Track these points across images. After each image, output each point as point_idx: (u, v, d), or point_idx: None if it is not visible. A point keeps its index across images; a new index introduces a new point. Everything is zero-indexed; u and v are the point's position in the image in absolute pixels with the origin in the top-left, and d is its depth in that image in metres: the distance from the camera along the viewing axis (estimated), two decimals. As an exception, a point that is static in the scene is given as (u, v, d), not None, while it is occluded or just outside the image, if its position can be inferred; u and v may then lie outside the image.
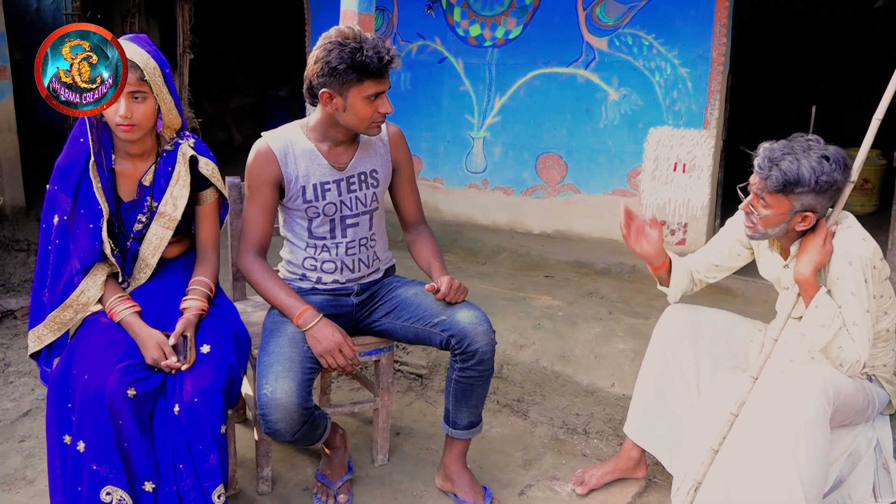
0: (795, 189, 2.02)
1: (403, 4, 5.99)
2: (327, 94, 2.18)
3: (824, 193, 2.05)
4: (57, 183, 2.15)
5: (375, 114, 2.21)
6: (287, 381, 2.10)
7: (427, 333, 2.36)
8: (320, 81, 2.17)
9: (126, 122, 2.07)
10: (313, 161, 2.31)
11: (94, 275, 2.16)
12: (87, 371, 1.99)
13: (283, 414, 2.09)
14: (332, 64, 2.12)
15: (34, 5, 8.18)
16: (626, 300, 4.21)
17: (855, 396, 2.16)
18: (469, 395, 2.39)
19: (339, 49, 2.11)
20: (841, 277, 2.08)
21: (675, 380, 2.44)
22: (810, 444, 2.02)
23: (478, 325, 2.29)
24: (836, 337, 2.07)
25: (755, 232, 2.18)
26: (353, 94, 2.17)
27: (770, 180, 2.04)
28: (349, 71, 2.12)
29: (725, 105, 4.79)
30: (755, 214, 2.13)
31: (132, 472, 2.00)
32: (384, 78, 2.18)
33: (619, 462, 2.58)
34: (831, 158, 2.03)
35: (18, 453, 2.70)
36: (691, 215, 4.91)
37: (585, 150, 5.30)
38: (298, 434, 2.16)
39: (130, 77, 2.03)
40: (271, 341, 2.23)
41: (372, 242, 2.47)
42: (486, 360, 2.31)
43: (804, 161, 2.02)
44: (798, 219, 2.09)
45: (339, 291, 2.45)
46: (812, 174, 2.00)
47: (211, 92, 9.58)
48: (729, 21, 4.61)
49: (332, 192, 2.34)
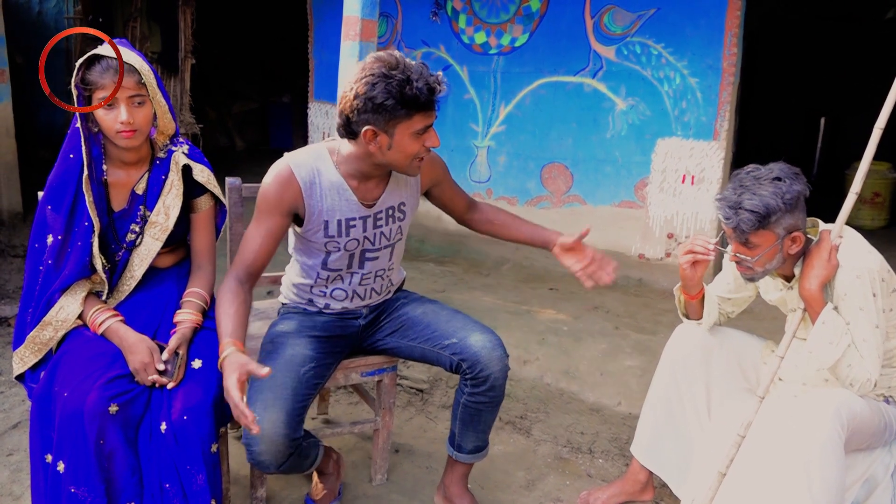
0: (771, 219, 2.00)
1: (408, 11, 5.93)
2: (371, 131, 1.94)
3: (795, 208, 2.03)
4: (50, 202, 2.08)
5: (421, 149, 2.01)
6: (275, 412, 1.96)
7: (436, 355, 2.26)
8: (362, 118, 1.93)
9: (128, 128, 2.01)
10: (341, 196, 2.11)
11: (73, 292, 2.09)
12: (66, 388, 1.92)
13: (267, 445, 1.96)
14: (377, 100, 1.88)
15: (36, 9, 8.16)
16: (632, 315, 4.13)
17: (871, 420, 2.11)
18: (477, 420, 2.30)
19: (385, 83, 1.87)
20: (848, 292, 2.04)
21: (685, 401, 2.39)
22: (824, 469, 1.96)
23: (491, 350, 2.19)
24: (844, 354, 2.02)
25: (755, 274, 2.15)
26: (400, 130, 1.94)
27: (744, 223, 2.02)
28: (398, 107, 1.89)
29: (735, 116, 4.72)
30: (748, 260, 2.09)
31: (114, 492, 1.93)
32: (433, 110, 1.97)
33: (626, 484, 2.53)
34: (782, 177, 2.02)
35: (6, 467, 2.63)
36: (700, 228, 4.83)
37: (592, 160, 5.23)
38: (284, 466, 2.04)
39: (129, 81, 1.99)
40: (266, 362, 2.08)
41: (389, 273, 2.33)
42: (498, 386, 2.21)
43: (761, 191, 2.00)
44: (788, 242, 2.06)
45: (347, 315, 2.34)
46: (775, 198, 1.99)
47: (213, 97, 9.56)
48: (740, 31, 4.54)
49: (356, 230, 2.16)
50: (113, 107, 2.00)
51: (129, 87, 1.99)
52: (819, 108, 8.22)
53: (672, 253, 4.92)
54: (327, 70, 6.53)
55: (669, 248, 4.93)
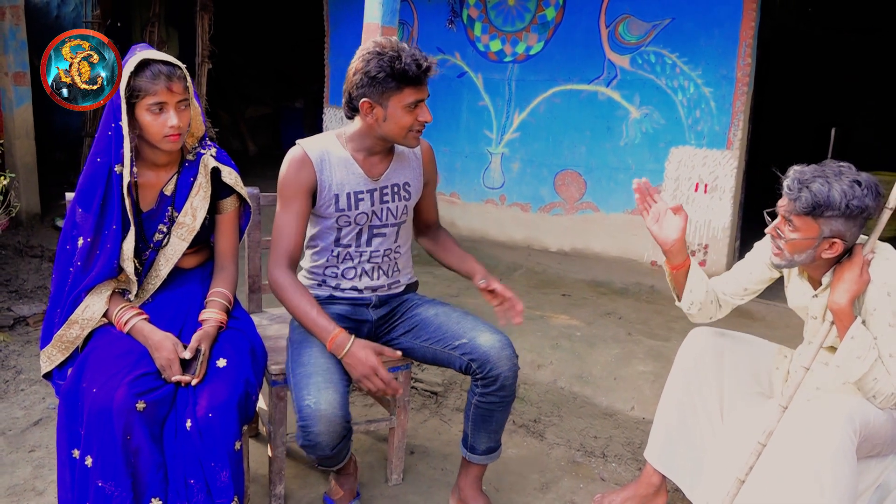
0: (825, 212, 1.98)
1: (424, 18, 5.98)
2: (367, 103, 2.17)
3: (854, 219, 2.01)
4: (80, 204, 2.12)
5: (415, 122, 2.20)
6: (330, 393, 2.07)
7: (447, 356, 2.31)
8: (360, 92, 2.16)
9: (176, 132, 2.07)
10: (348, 170, 2.29)
11: (98, 290, 2.12)
12: (95, 384, 1.95)
13: (326, 426, 2.05)
14: (371, 73, 2.11)
15: (54, 13, 8.24)
16: (644, 321, 4.15)
17: (883, 426, 2.11)
18: (489, 421, 2.34)
19: (378, 58, 2.11)
20: (878, 308, 2.04)
21: (697, 406, 2.39)
22: (836, 475, 1.96)
23: (501, 349, 2.24)
24: (871, 369, 2.02)
25: (782, 259, 2.13)
26: (393, 103, 2.15)
27: (799, 202, 2.00)
28: (388, 79, 2.11)
29: (748, 126, 4.74)
30: (782, 238, 2.09)
31: (140, 487, 1.96)
32: (423, 85, 2.18)
33: (640, 488, 2.53)
34: (863, 184, 1.99)
35: (28, 463, 2.67)
36: (712, 237, 4.84)
37: (605, 168, 5.26)
38: (337, 448, 2.12)
39: (179, 86, 2.05)
40: (303, 352, 2.20)
41: (395, 255, 2.43)
42: (508, 385, 2.26)
43: (835, 184, 1.98)
44: (825, 245, 2.05)
45: (357, 301, 2.41)
46: (843, 197, 1.96)
47: (227, 102, 9.62)
48: (754, 41, 4.57)
49: (364, 203, 2.31)
50: (162, 112, 2.05)
51: (179, 92, 2.05)
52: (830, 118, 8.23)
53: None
54: (342, 76, 6.55)
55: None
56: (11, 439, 2.82)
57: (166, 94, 2.03)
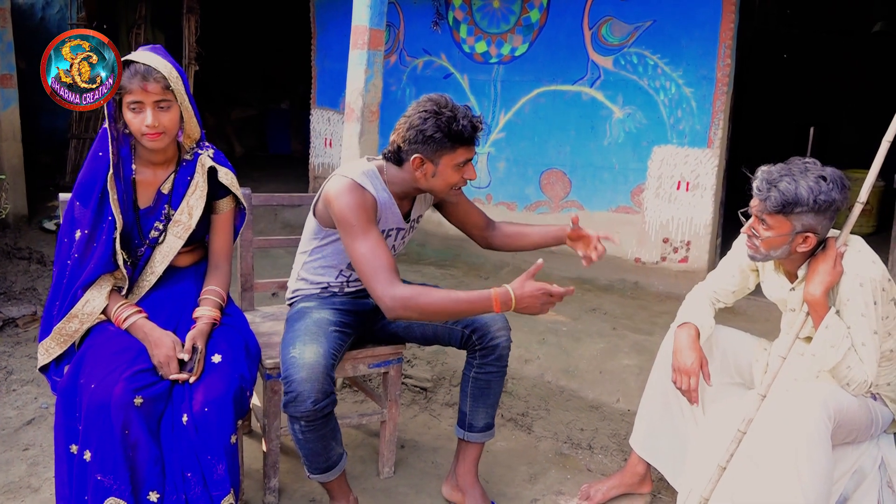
0: (795, 209, 2.05)
1: (410, 20, 6.03)
2: (419, 159, 2.25)
3: (824, 213, 2.07)
4: (79, 198, 2.16)
5: (461, 180, 2.31)
6: (314, 346, 2.17)
7: (447, 331, 2.44)
8: (413, 147, 2.24)
9: (153, 131, 2.11)
10: (390, 210, 2.38)
11: (99, 286, 2.16)
12: (93, 380, 1.98)
13: (308, 373, 2.10)
14: (427, 133, 2.19)
15: (38, 15, 8.21)
16: (629, 316, 4.22)
17: (857, 413, 2.17)
18: (487, 394, 2.47)
19: (436, 118, 2.19)
20: (851, 299, 2.10)
21: (680, 396, 2.45)
22: (812, 458, 2.02)
23: (498, 320, 2.42)
24: (845, 357, 2.09)
25: (757, 254, 2.20)
26: (444, 161, 2.25)
27: (769, 201, 2.07)
28: (444, 140, 2.20)
29: (728, 125, 4.83)
30: (758, 237, 2.16)
31: (138, 480, 1.99)
32: (473, 145, 2.28)
33: (625, 477, 2.60)
34: (828, 178, 2.06)
35: (23, 461, 2.69)
36: (694, 233, 4.93)
37: (589, 167, 5.33)
38: (318, 405, 2.10)
39: (155, 87, 2.08)
40: (296, 325, 2.30)
41: None
42: (504, 355, 2.44)
43: (802, 181, 2.05)
44: (799, 240, 2.11)
45: (359, 295, 2.52)
46: (810, 193, 2.03)
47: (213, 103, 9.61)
48: (733, 42, 4.65)
49: (391, 238, 2.44)
50: (139, 110, 2.09)
51: (155, 93, 2.08)
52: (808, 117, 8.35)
53: (667, 257, 5.03)
54: (329, 78, 6.63)
55: (665, 252, 5.03)
56: (5, 438, 2.84)
57: (141, 93, 2.07)
